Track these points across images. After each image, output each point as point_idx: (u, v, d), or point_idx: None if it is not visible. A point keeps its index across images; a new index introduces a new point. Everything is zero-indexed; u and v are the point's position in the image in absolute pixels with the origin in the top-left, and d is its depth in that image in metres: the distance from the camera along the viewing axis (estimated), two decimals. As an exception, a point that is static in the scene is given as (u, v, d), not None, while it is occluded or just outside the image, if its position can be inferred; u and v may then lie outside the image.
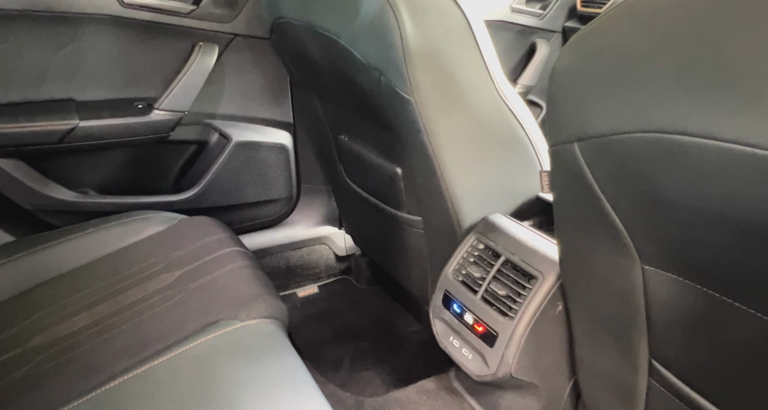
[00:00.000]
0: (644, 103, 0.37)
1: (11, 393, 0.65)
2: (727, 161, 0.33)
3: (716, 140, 0.32)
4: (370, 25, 0.65)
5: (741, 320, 0.43)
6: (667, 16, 0.35)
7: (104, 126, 0.99)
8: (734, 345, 0.46)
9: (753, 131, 0.30)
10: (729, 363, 0.48)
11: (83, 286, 0.83)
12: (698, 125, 0.33)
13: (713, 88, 0.32)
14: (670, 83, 0.35)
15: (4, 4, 0.87)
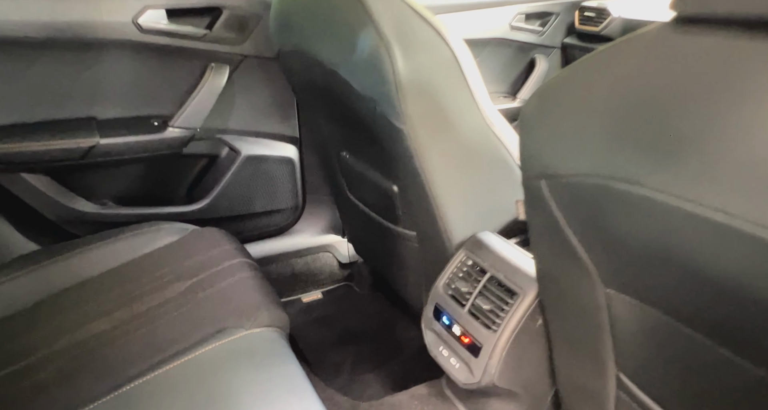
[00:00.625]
0: (592, 151, 0.43)
1: (35, 392, 0.71)
2: (656, 210, 0.38)
3: (643, 186, 0.38)
4: (366, 60, 0.71)
5: (692, 343, 0.48)
6: (610, 81, 0.40)
7: (122, 143, 1.07)
8: (687, 364, 0.51)
9: (672, 185, 0.36)
10: (683, 380, 0.53)
11: (102, 293, 0.90)
12: (633, 175, 0.39)
13: (643, 146, 0.38)
14: (611, 138, 0.40)
15: (33, 34, 0.94)
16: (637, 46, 0.39)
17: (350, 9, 0.74)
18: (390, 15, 0.71)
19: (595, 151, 0.42)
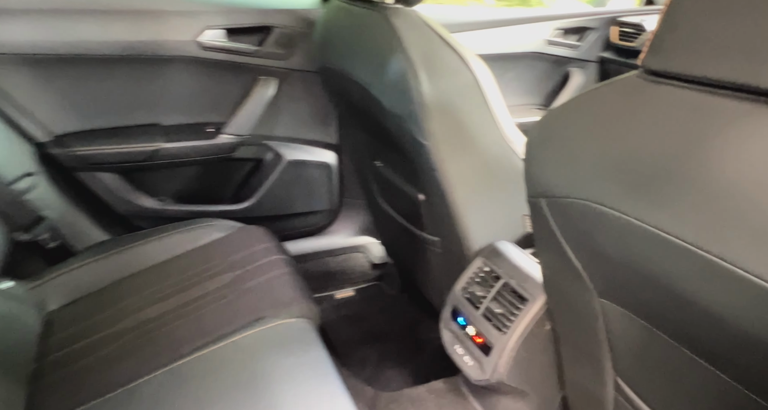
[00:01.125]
0: (579, 178, 0.48)
1: (101, 364, 0.83)
2: (626, 230, 0.44)
3: (615, 210, 0.44)
4: (395, 82, 0.79)
5: (675, 353, 0.53)
6: (593, 120, 0.46)
7: (181, 147, 1.20)
8: (673, 373, 0.56)
9: (637, 211, 0.41)
10: (671, 387, 0.57)
11: (159, 281, 1.03)
12: (608, 200, 0.45)
13: (616, 177, 0.44)
14: (592, 168, 0.46)
15: (111, 52, 1.08)
16: (616, 90, 0.45)
17: (384, 34, 0.82)
18: (418, 42, 0.78)
19: (581, 178, 0.48)
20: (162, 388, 0.75)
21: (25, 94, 1.05)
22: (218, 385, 0.75)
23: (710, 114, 0.37)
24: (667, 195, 0.40)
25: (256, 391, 0.73)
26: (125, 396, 0.75)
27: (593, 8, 1.70)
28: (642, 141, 0.41)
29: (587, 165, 0.47)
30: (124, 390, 0.75)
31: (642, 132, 0.41)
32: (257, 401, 0.71)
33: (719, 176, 0.36)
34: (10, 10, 0.97)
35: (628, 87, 0.44)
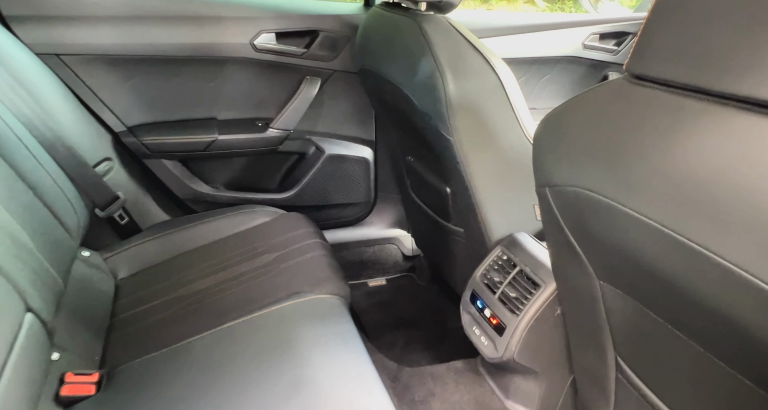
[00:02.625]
0: (575, 168, 0.55)
1: (159, 326, 0.96)
2: (609, 213, 0.50)
3: (602, 195, 0.50)
4: (424, 82, 0.87)
5: (662, 330, 0.58)
6: (585, 117, 0.53)
7: (234, 139, 1.33)
8: (664, 351, 0.61)
9: (631, 198, 0.48)
10: (665, 365, 0.63)
11: (210, 258, 1.15)
12: (595, 186, 0.51)
13: (602, 166, 0.50)
14: (584, 159, 0.53)
15: (177, 53, 1.22)
16: (606, 91, 0.51)
17: (416, 39, 0.90)
18: (446, 46, 0.86)
19: (576, 167, 0.55)
20: (210, 345, 0.87)
21: (106, 90, 1.20)
22: (257, 346, 0.85)
23: (676, 112, 0.43)
24: (641, 181, 0.46)
25: (289, 353, 0.83)
26: (181, 349, 0.87)
27: (632, 13, 1.71)
28: (623, 134, 0.48)
29: (581, 156, 0.54)
30: (179, 344, 0.87)
31: (623, 127, 0.48)
32: (290, 361, 0.81)
33: (681, 165, 0.42)
34: (97, 18, 1.12)
35: (615, 88, 0.50)
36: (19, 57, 1.01)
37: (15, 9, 1.06)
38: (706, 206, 0.41)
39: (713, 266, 0.42)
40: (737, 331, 0.43)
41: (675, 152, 0.43)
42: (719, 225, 0.40)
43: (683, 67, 0.42)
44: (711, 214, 0.41)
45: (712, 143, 0.40)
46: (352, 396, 0.75)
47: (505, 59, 1.51)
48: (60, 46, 1.11)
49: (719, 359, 0.50)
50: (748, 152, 0.37)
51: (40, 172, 0.96)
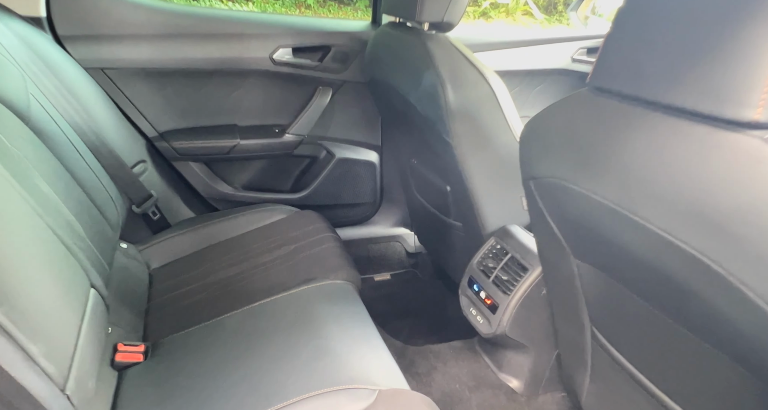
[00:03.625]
0: (553, 163, 0.68)
1: (194, 306, 1.08)
2: (581, 199, 0.63)
3: (574, 184, 0.63)
4: (427, 92, 1.01)
5: (627, 298, 0.71)
6: (560, 120, 0.66)
7: (254, 144, 1.46)
8: (629, 316, 0.73)
9: (594, 185, 0.60)
10: (628, 328, 0.75)
11: (234, 249, 1.28)
12: (569, 177, 0.64)
13: (573, 160, 0.63)
14: (559, 154, 0.66)
15: (204, 66, 1.36)
16: (575, 99, 0.64)
17: (420, 54, 1.04)
18: (447, 61, 1.00)
19: (554, 161, 0.67)
20: (240, 322, 0.99)
21: (142, 99, 1.34)
22: (281, 322, 0.98)
23: (624, 117, 0.56)
24: (601, 172, 0.59)
25: (309, 328, 0.95)
26: (214, 325, 0.99)
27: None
28: (587, 135, 0.61)
29: (557, 153, 0.67)
30: (213, 321, 1.00)
31: (588, 128, 0.61)
32: (310, 334, 0.93)
33: (627, 158, 0.55)
34: (137, 36, 1.26)
35: (582, 97, 0.63)
36: (71, 71, 1.15)
37: (68, 30, 1.20)
38: (644, 188, 0.54)
39: (652, 235, 0.54)
40: (675, 287, 0.56)
41: (623, 148, 0.56)
42: (654, 202, 0.53)
43: (627, 82, 0.55)
44: (648, 194, 0.53)
45: (647, 140, 0.53)
46: (364, 363, 0.87)
47: (501, 71, 1.65)
48: (104, 62, 1.25)
49: (671, 318, 0.63)
50: (670, 146, 0.50)
51: (88, 172, 1.09)
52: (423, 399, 0.79)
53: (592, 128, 0.61)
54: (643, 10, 0.53)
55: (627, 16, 0.55)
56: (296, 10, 6.49)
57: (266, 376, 0.83)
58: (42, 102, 1.04)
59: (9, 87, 0.96)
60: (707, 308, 0.51)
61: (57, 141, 1.03)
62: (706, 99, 0.46)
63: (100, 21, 1.22)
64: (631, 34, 0.55)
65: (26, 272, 0.67)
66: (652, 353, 0.72)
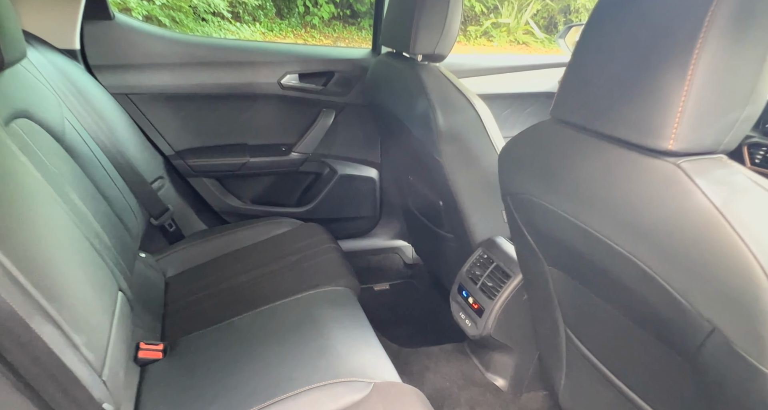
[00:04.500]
0: (524, 180, 0.79)
1: (208, 310, 1.19)
2: (548, 213, 0.73)
3: (541, 200, 0.74)
4: (420, 116, 1.12)
5: (594, 302, 0.80)
6: (529, 144, 0.77)
7: (262, 161, 1.58)
8: (593, 316, 0.83)
9: (554, 200, 0.71)
10: (594, 326, 0.85)
11: (244, 259, 1.38)
12: (537, 194, 0.75)
13: (540, 179, 0.74)
14: (529, 173, 0.77)
15: (217, 91, 1.48)
16: (541, 127, 0.75)
17: (413, 82, 1.16)
18: (437, 89, 1.12)
19: (525, 179, 0.78)
20: (250, 323, 1.09)
21: (161, 120, 1.46)
22: (287, 324, 1.08)
23: (575, 143, 0.67)
24: (560, 188, 0.70)
25: (312, 329, 1.05)
26: (227, 326, 1.09)
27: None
28: (549, 157, 0.72)
29: (527, 172, 0.77)
30: (225, 322, 1.10)
31: (550, 152, 0.72)
32: (313, 335, 1.03)
33: (577, 176, 0.66)
34: (159, 65, 1.39)
35: (546, 125, 0.74)
36: (99, 97, 1.27)
37: (98, 60, 1.33)
38: (591, 203, 0.64)
39: (599, 242, 0.65)
40: (619, 285, 0.66)
41: (576, 169, 0.66)
42: (599, 214, 0.64)
43: (579, 115, 0.66)
44: (594, 207, 0.64)
45: (593, 163, 0.64)
46: (361, 359, 0.96)
47: (493, 94, 1.77)
48: (129, 88, 1.38)
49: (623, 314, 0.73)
50: (610, 169, 0.61)
51: (113, 187, 1.21)
52: (413, 390, 0.88)
53: (552, 152, 0.72)
54: (590, 57, 0.65)
55: (578, 62, 0.67)
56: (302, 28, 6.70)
57: (274, 370, 0.93)
58: (74, 125, 1.16)
59: (47, 112, 1.08)
60: (642, 303, 0.61)
61: (86, 159, 1.15)
62: (634, 131, 0.57)
63: (126, 52, 1.35)
64: (580, 76, 0.66)
65: (69, 275, 0.78)
66: (613, 348, 0.82)
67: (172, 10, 4.48)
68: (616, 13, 0.61)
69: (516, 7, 7.42)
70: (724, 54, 0.50)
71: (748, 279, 0.47)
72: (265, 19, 6.25)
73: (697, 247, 0.51)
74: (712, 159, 0.55)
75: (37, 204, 0.81)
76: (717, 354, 0.53)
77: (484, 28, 7.41)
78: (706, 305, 0.51)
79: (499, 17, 7.43)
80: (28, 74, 1.08)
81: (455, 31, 1.17)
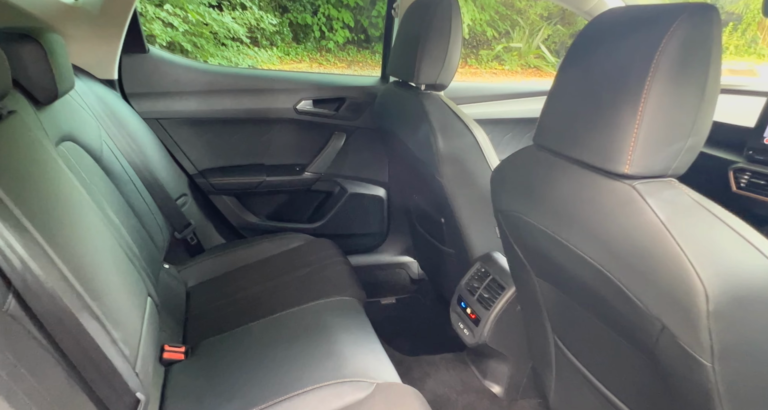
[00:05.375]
0: (512, 199, 0.88)
1: (226, 317, 1.28)
2: (531, 226, 0.82)
3: (526, 217, 0.83)
4: (422, 140, 1.23)
5: (576, 309, 0.89)
6: (514, 166, 0.87)
7: (277, 180, 1.70)
8: (576, 323, 0.91)
9: (536, 216, 0.80)
10: (577, 332, 0.92)
11: (259, 271, 1.49)
12: (523, 211, 0.84)
13: (525, 198, 0.83)
14: (515, 192, 0.86)
15: (239, 115, 1.62)
16: (526, 152, 0.85)
17: (417, 109, 1.27)
18: (438, 115, 1.22)
19: (512, 198, 0.88)
20: (265, 328, 1.19)
21: (186, 142, 1.60)
22: (298, 329, 1.17)
23: (551, 165, 0.77)
24: (540, 206, 0.79)
25: (321, 334, 1.14)
26: (244, 331, 1.19)
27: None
28: (531, 179, 0.81)
29: (514, 191, 0.87)
30: (242, 327, 1.20)
31: (531, 174, 0.81)
32: (322, 340, 1.12)
33: (553, 195, 0.75)
34: (187, 92, 1.53)
35: (529, 151, 0.84)
36: (133, 121, 1.41)
37: (133, 88, 1.48)
38: (565, 218, 0.74)
39: (571, 252, 0.73)
40: (589, 291, 0.74)
41: (553, 189, 0.76)
42: (570, 228, 0.73)
43: (555, 142, 0.76)
44: (567, 222, 0.73)
45: (567, 183, 0.73)
46: (365, 362, 1.05)
47: (496, 119, 1.88)
48: (160, 113, 1.52)
49: (597, 318, 0.81)
50: (579, 189, 0.71)
51: (142, 203, 1.33)
52: (413, 391, 0.96)
53: (534, 174, 0.81)
54: (565, 91, 0.75)
55: (555, 96, 0.77)
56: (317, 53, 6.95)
57: (285, 371, 1.02)
58: (111, 146, 1.29)
59: (88, 135, 1.21)
60: (609, 307, 0.70)
61: (120, 177, 1.27)
62: (598, 157, 0.67)
63: (158, 81, 1.50)
64: (557, 109, 0.76)
65: (108, 279, 0.89)
66: (594, 353, 0.90)
67: (193, 36, 4.72)
68: (585, 55, 0.72)
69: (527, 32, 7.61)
70: (667, 94, 0.60)
71: (686, 283, 0.55)
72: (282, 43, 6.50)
73: (647, 255, 0.60)
74: (662, 182, 0.64)
75: (83, 216, 0.92)
76: (668, 349, 0.61)
77: (495, 52, 7.59)
78: (655, 305, 0.60)
79: (511, 42, 7.60)
80: (74, 102, 1.21)
81: (455, 64, 1.29)
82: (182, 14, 4.39)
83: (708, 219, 0.59)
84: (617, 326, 0.73)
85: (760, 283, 0.55)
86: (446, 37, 1.24)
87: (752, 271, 0.55)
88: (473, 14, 7.00)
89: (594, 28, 0.72)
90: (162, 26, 4.30)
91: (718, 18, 0.61)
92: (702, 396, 0.60)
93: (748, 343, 0.56)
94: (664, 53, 0.59)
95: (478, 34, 7.45)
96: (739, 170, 1.28)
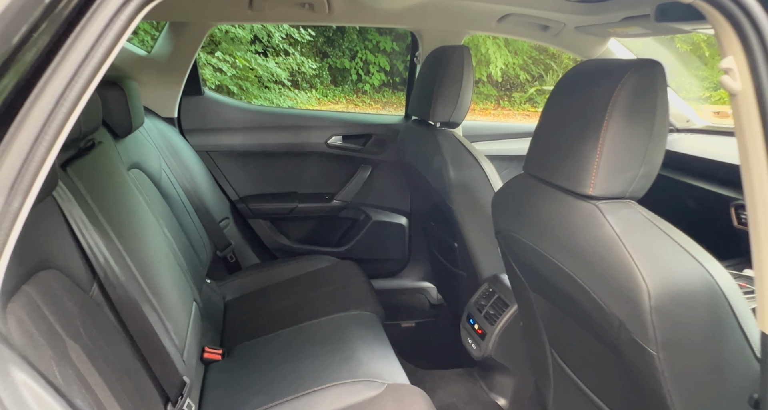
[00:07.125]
0: (508, 220, 1.01)
1: (257, 326, 1.43)
2: (521, 243, 0.95)
3: (519, 235, 0.96)
4: (436, 171, 1.39)
5: (565, 321, 0.99)
6: (509, 192, 1.01)
7: (308, 207, 1.88)
8: (566, 333, 1.01)
9: (525, 234, 0.93)
10: (568, 343, 1.02)
11: (289, 288, 1.64)
12: (516, 231, 0.97)
13: (517, 219, 0.97)
14: (509, 214, 1.00)
15: (276, 149, 1.83)
16: (519, 179, 0.99)
17: (432, 143, 1.43)
18: (450, 149, 1.38)
19: (508, 220, 1.01)
20: (293, 335, 1.33)
21: (230, 172, 1.81)
22: (322, 337, 1.31)
23: (536, 190, 0.90)
24: (528, 226, 0.92)
25: (341, 342, 1.27)
26: (274, 337, 1.33)
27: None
28: (522, 202, 0.95)
29: (509, 213, 1.00)
30: (273, 333, 1.34)
31: (522, 198, 0.95)
32: (341, 347, 1.25)
33: (539, 215, 0.89)
34: (233, 128, 1.77)
35: (522, 178, 0.98)
36: (187, 153, 1.63)
37: (189, 125, 1.72)
38: (547, 235, 0.87)
39: (553, 264, 0.86)
40: (570, 299, 0.86)
41: (538, 210, 0.89)
42: (551, 243, 0.85)
43: (539, 170, 0.90)
44: (548, 238, 0.86)
45: (548, 205, 0.86)
46: (379, 365, 1.17)
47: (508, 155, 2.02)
48: (210, 146, 1.75)
49: (580, 326, 0.91)
50: (556, 208, 0.84)
51: (190, 224, 1.53)
52: (419, 391, 1.08)
53: (524, 197, 0.95)
54: (546, 127, 0.89)
55: (539, 131, 0.91)
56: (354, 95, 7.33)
57: (308, 371, 1.15)
58: (168, 174, 1.51)
59: (151, 164, 1.43)
60: (581, 309, 0.81)
61: (174, 201, 1.48)
62: (569, 181, 0.80)
63: (210, 119, 1.74)
64: (540, 142, 0.91)
65: (165, 281, 1.07)
66: (584, 363, 0.99)
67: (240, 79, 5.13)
68: (562, 98, 0.87)
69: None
70: (621, 130, 0.74)
71: (634, 283, 0.67)
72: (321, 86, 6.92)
73: (605, 262, 0.72)
74: (621, 202, 0.77)
75: (147, 229, 1.12)
76: (626, 343, 0.72)
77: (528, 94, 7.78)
78: (613, 303, 0.71)
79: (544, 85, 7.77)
80: (141, 136, 1.45)
81: (467, 104, 1.45)
82: (230, 60, 4.82)
83: (655, 233, 0.71)
84: (592, 327, 0.84)
85: (695, 286, 0.66)
86: (459, 81, 1.41)
87: (689, 275, 0.67)
88: (506, 59, 7.21)
89: (569, 78, 0.87)
90: (212, 71, 4.73)
91: (661, 71, 0.75)
92: (654, 383, 0.70)
93: (684, 335, 0.67)
94: (618, 98, 0.73)
95: (511, 78, 7.68)
96: (740, 207, 1.36)
